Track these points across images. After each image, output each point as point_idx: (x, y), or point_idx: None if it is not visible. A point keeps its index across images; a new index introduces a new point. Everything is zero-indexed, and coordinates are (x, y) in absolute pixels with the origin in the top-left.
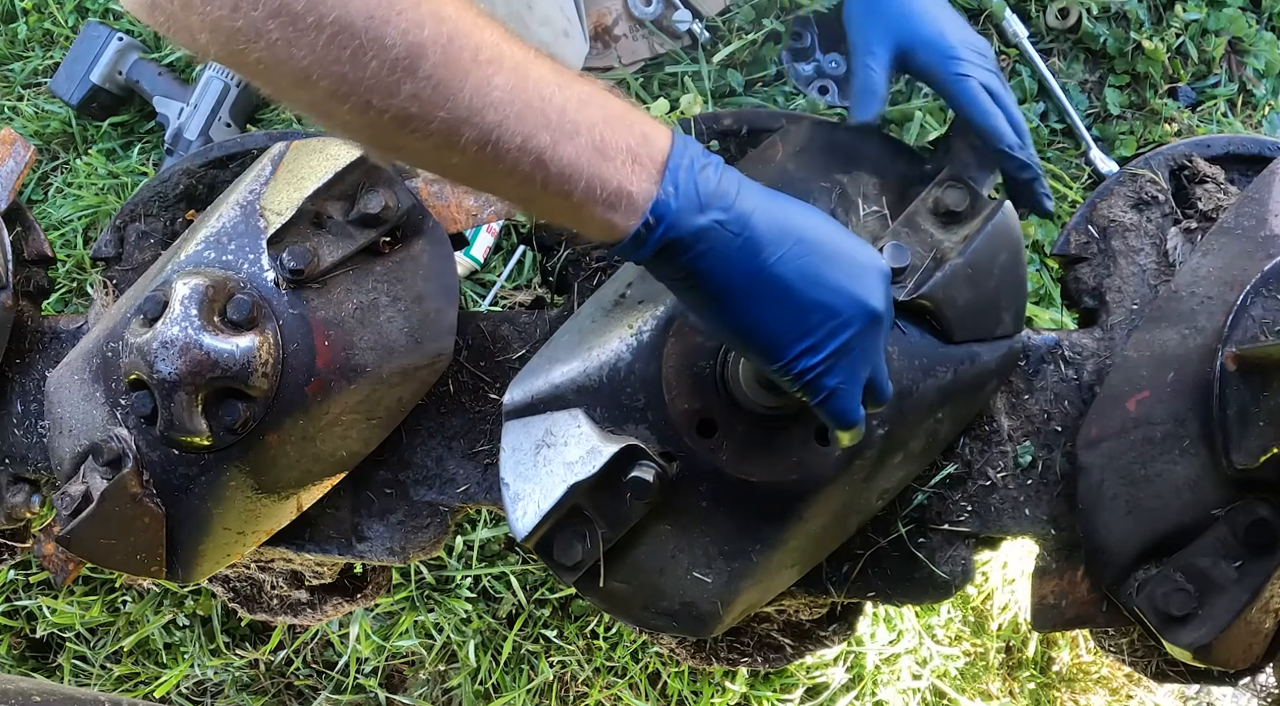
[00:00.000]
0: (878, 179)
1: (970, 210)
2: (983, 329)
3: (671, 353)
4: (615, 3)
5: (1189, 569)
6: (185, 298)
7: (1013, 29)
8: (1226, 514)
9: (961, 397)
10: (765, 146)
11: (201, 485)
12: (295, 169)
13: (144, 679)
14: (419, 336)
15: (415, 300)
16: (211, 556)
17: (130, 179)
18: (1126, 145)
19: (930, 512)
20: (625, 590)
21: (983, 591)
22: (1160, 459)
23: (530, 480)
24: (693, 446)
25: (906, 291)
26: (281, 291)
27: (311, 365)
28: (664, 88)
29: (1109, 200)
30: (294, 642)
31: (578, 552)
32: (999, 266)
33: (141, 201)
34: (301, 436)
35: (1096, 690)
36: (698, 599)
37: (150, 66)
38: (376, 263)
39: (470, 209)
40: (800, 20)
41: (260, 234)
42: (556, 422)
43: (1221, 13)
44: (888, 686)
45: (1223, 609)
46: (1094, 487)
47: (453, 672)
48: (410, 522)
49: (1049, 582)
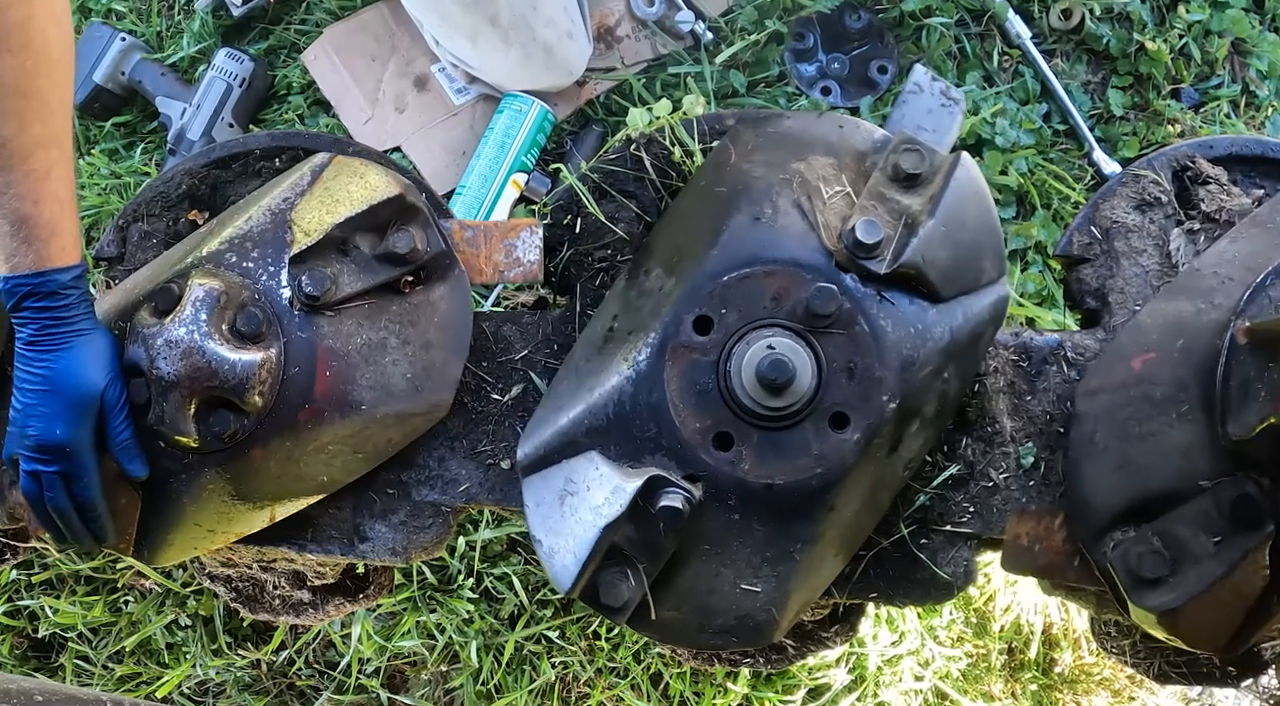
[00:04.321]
0: (833, 159)
1: (930, 169)
2: (968, 281)
3: (672, 375)
4: (618, 4)
5: (1167, 535)
6: (198, 299)
7: (1016, 30)
8: (1214, 486)
9: (962, 353)
10: (718, 151)
11: (181, 481)
12: (332, 188)
13: (146, 679)
14: (420, 384)
15: (424, 347)
16: (179, 546)
17: (133, 179)
18: (1129, 146)
19: (932, 513)
20: (678, 618)
21: (985, 592)
22: (1157, 419)
23: (561, 532)
24: (712, 463)
25: (886, 264)
26: (294, 312)
27: (309, 391)
28: (667, 88)
29: (1111, 201)
30: (296, 643)
31: (624, 592)
32: (970, 217)
33: (144, 201)
34: (286, 456)
35: (1099, 691)
36: (752, 609)
37: (153, 67)
38: (393, 301)
39: (499, 264)
40: (803, 21)
41: (285, 248)
42: (574, 469)
43: (1224, 14)
44: (890, 687)
45: (1195, 579)
46: (1086, 437)
47: (455, 673)
48: (412, 523)
49: (1026, 523)
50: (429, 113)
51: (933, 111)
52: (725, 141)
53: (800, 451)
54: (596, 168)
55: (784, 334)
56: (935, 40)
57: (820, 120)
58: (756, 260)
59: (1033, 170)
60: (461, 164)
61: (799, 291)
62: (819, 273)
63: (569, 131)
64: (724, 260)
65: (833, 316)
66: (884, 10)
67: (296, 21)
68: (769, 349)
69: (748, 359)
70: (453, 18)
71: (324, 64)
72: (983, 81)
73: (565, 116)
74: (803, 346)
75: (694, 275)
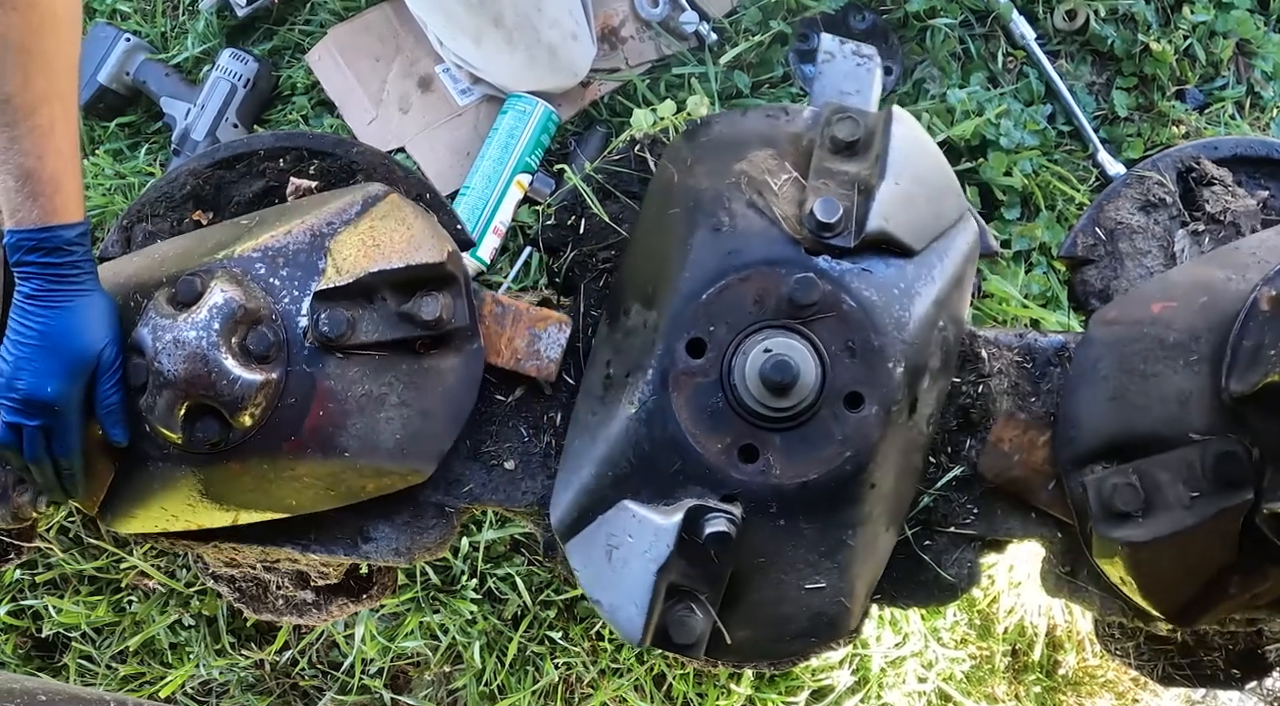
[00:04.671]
0: (771, 149)
1: (866, 132)
2: (934, 228)
3: (680, 404)
4: (623, 4)
5: (1146, 476)
6: (215, 305)
7: (1020, 30)
8: (1203, 441)
9: (950, 298)
10: (659, 174)
11: (156, 467)
12: (377, 229)
13: (149, 678)
14: (406, 449)
15: (421, 413)
16: (142, 521)
17: (137, 179)
18: (1134, 147)
19: (936, 515)
20: (753, 636)
21: (989, 594)
22: (1163, 362)
23: (616, 587)
24: (744, 478)
25: (853, 236)
26: (305, 343)
27: (298, 425)
28: (671, 89)
29: (1116, 202)
30: (299, 643)
31: (694, 627)
32: (918, 166)
33: (148, 202)
34: (260, 476)
35: (1103, 694)
36: (822, 606)
37: (157, 67)
38: (404, 359)
39: (518, 351)
40: (807, 22)
41: (315, 276)
42: (612, 522)
43: (1229, 15)
44: (893, 689)
45: (1164, 524)
46: (1091, 361)
47: (458, 673)
48: (416, 523)
49: (1013, 429)
50: (433, 113)
51: (850, 74)
52: (663, 163)
53: (825, 441)
54: (600, 168)
55: (776, 333)
56: (939, 41)
57: (747, 116)
58: (729, 269)
59: (1037, 171)
60: (465, 164)
61: (779, 288)
62: (793, 264)
63: (573, 132)
64: (698, 278)
65: (818, 303)
66: (888, 11)
67: (301, 22)
68: (766, 352)
69: (749, 367)
70: (457, 19)
71: (328, 64)
72: (987, 82)
73: (569, 117)
74: (798, 340)
75: (673, 301)
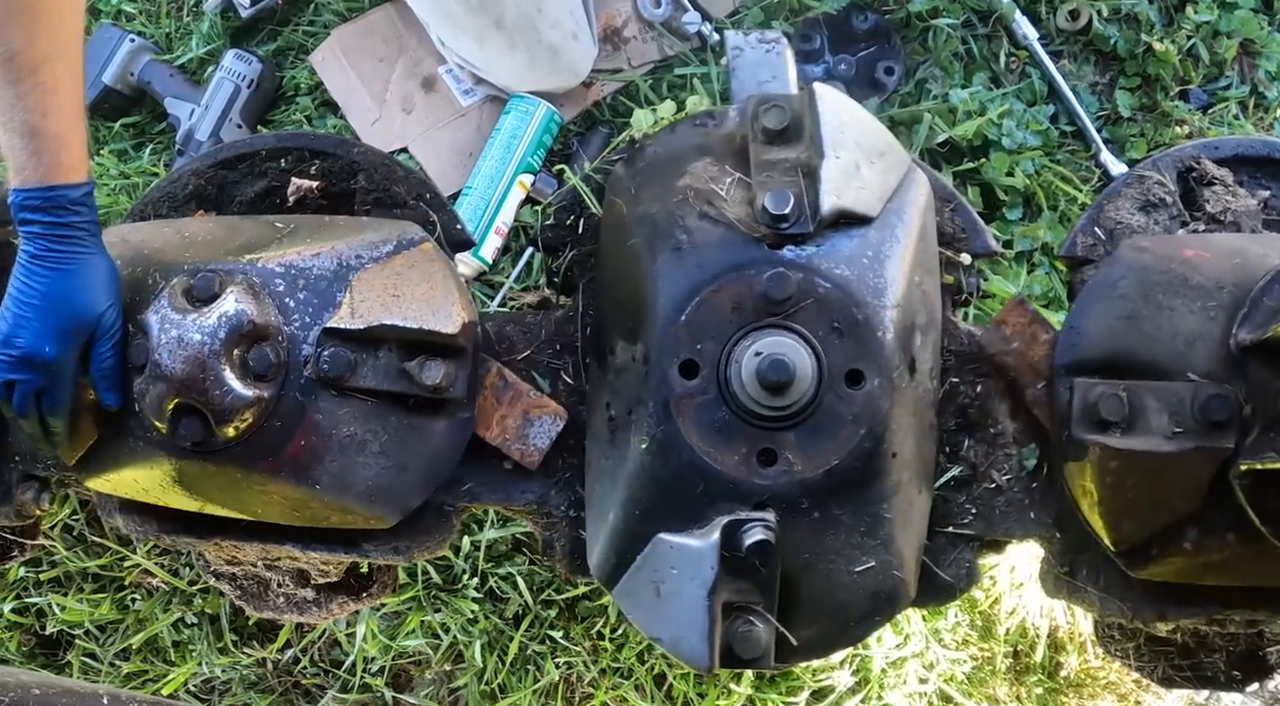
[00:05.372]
0: (708, 157)
1: (793, 116)
2: (885, 188)
3: (688, 428)
4: (625, 5)
5: (1135, 396)
6: (227, 314)
7: (1023, 31)
8: (1199, 382)
9: (919, 253)
10: (607, 210)
11: (135, 445)
12: (402, 280)
13: (152, 676)
14: (375, 496)
15: (398, 467)
16: (114, 485)
17: (141, 179)
18: (1137, 147)
19: (935, 515)
20: (818, 631)
21: (990, 595)
22: (1182, 299)
23: (672, 620)
24: (768, 483)
25: (809, 220)
26: (304, 372)
27: (278, 449)
28: (673, 89)
29: (1116, 202)
30: (301, 641)
31: (758, 638)
32: (854, 134)
33: (151, 202)
34: (233, 482)
35: (1104, 695)
36: (878, 584)
37: (162, 68)
38: (394, 412)
39: (508, 431)
40: (809, 22)
41: (329, 309)
42: (651, 559)
43: (1233, 14)
44: (894, 690)
45: (1142, 441)
46: (1112, 277)
47: (459, 672)
48: (415, 522)
49: (1019, 315)
50: (436, 114)
51: (762, 62)
52: (609, 197)
53: (837, 425)
54: (600, 168)
55: (762, 334)
56: (942, 41)
57: (676, 130)
58: (700, 284)
59: (1039, 171)
60: (468, 165)
61: (752, 289)
62: (760, 263)
63: (575, 132)
64: (672, 301)
65: (793, 294)
66: (891, 11)
67: (304, 23)
68: (758, 355)
69: (744, 374)
70: (458, 19)
71: (332, 65)
72: (990, 82)
73: (572, 118)
74: (785, 335)
75: (655, 329)
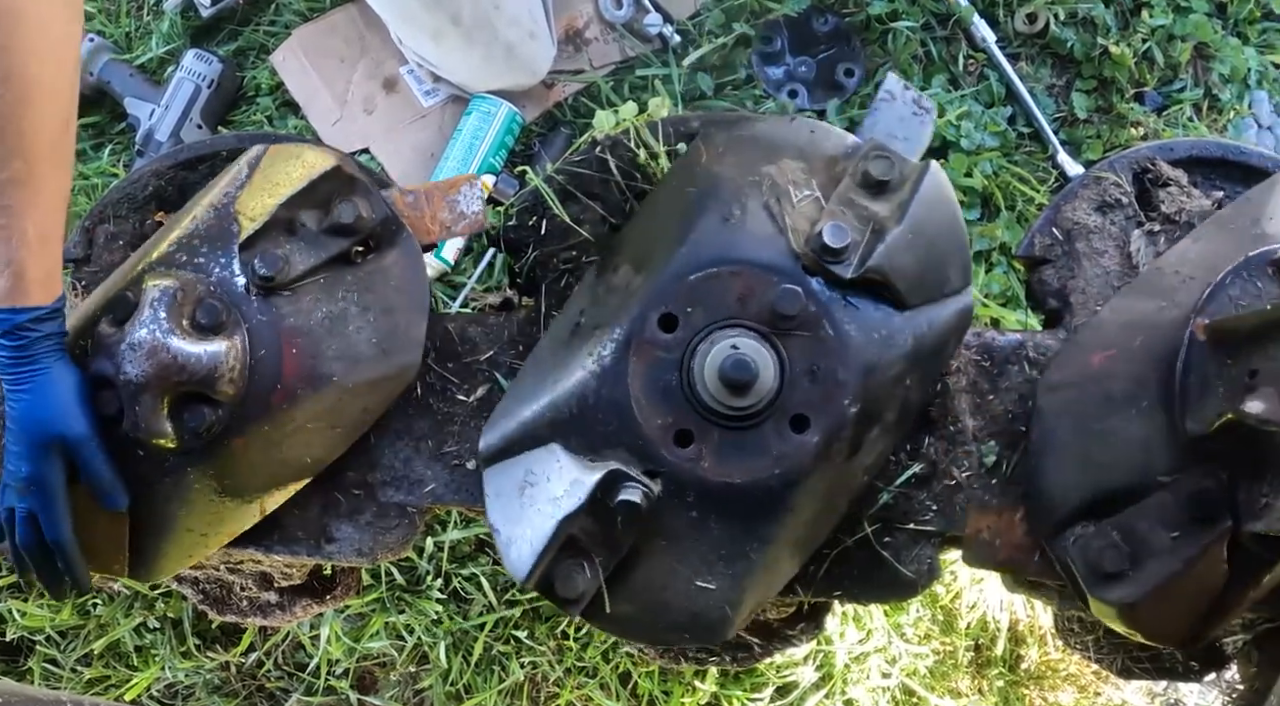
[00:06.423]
0: (804, 163)
1: (899, 177)
2: (933, 290)
3: (636, 372)
4: (587, 6)
5: (1126, 530)
6: (155, 299)
7: (981, 34)
8: (1172, 482)
9: (926, 361)
10: (690, 152)
11: (166, 487)
12: (270, 174)
13: (114, 681)
14: (386, 348)
15: (385, 311)
16: (174, 556)
17: (101, 180)
18: (1093, 148)
19: (896, 512)
20: (632, 612)
21: (951, 590)
22: (1116, 416)
23: (519, 522)
24: (672, 460)
25: (853, 268)
26: (251, 297)
27: (278, 372)
28: (635, 90)
29: (1073, 203)
30: (265, 644)
31: (579, 585)
32: (937, 226)
33: (110, 203)
34: (266, 442)
35: (1065, 687)
36: (705, 607)
37: (122, 67)
38: (348, 272)
39: (445, 221)
40: (770, 24)
41: (233, 238)
42: (535, 461)
43: (1188, 18)
44: (857, 685)
45: (1153, 573)
46: (1047, 433)
47: (424, 674)
48: (378, 523)
49: (987, 518)
50: (398, 114)
51: (904, 120)
52: (697, 142)
53: (760, 452)
54: (561, 169)
55: (748, 334)
56: (901, 44)
57: (792, 125)
58: (723, 260)
59: (997, 172)
60: (430, 166)
61: (765, 292)
62: (785, 274)
63: (537, 133)
64: (691, 259)
65: (797, 318)
66: (851, 14)
67: (265, 23)
68: (733, 349)
69: (711, 358)
70: (415, 16)
71: (293, 65)
72: (948, 84)
73: (533, 118)
74: (766, 347)
75: (661, 273)
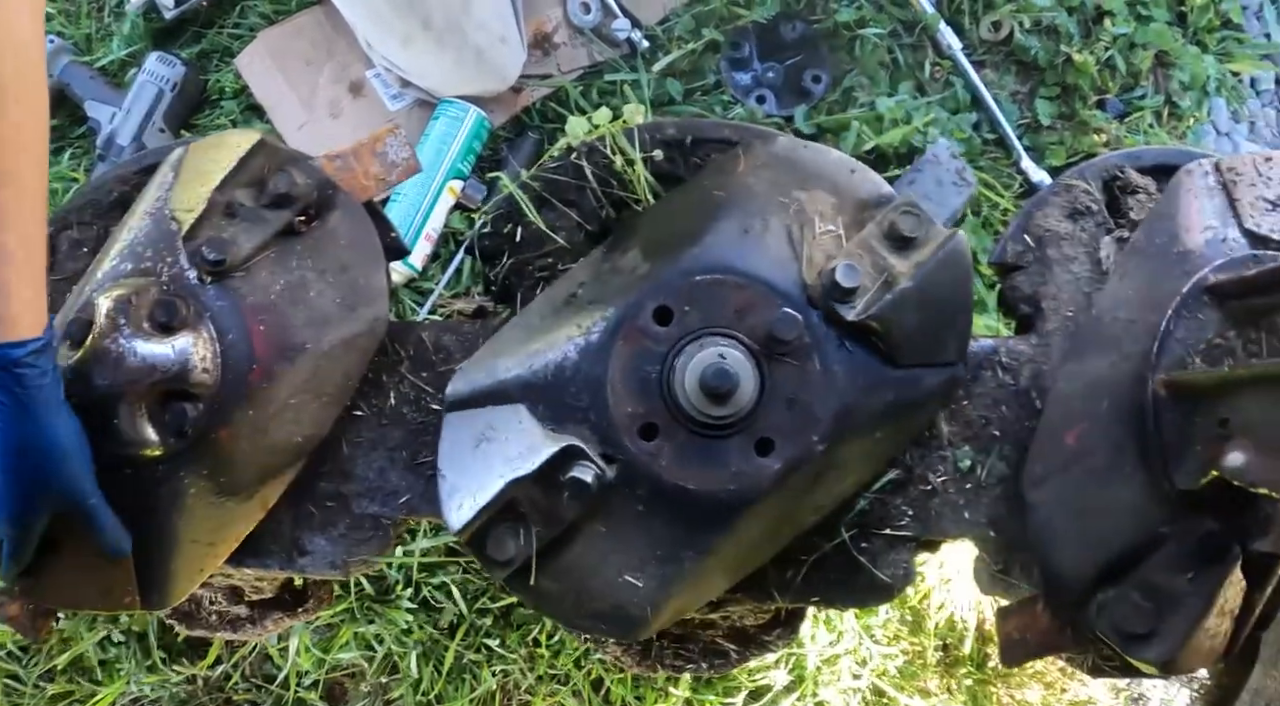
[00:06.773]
0: (836, 199)
1: (924, 237)
2: (927, 354)
3: (619, 355)
4: (555, 11)
5: (1145, 586)
6: (109, 310)
7: (947, 41)
8: (1174, 530)
9: (902, 419)
10: (729, 157)
11: (161, 500)
12: (197, 167)
13: (79, 697)
14: (351, 303)
15: (341, 270)
16: (184, 574)
17: (61, 185)
18: (1056, 155)
19: (872, 518)
20: (556, 589)
21: (920, 591)
22: (1104, 488)
23: (467, 473)
24: (633, 450)
25: (856, 312)
26: (206, 286)
27: (250, 353)
28: (603, 96)
29: (1044, 210)
30: (232, 657)
31: (510, 549)
32: (947, 295)
33: (74, 209)
34: (254, 428)
35: (1031, 685)
36: (627, 602)
37: (82, 70)
38: (296, 242)
39: (378, 174)
40: (739, 30)
41: (174, 235)
42: (498, 417)
43: (1149, 27)
44: (829, 686)
45: (1182, 619)
46: (1044, 525)
47: (395, 684)
48: (352, 535)
49: (1012, 621)
50: (364, 118)
51: (943, 185)
52: (738, 151)
53: (720, 464)
54: (537, 176)
55: (738, 348)
56: (868, 50)
57: (834, 158)
58: (733, 269)
59: None
60: None
61: (765, 312)
62: (789, 300)
63: (505, 138)
64: (701, 260)
65: (790, 345)
66: (819, 21)
67: (230, 25)
68: (719, 357)
69: (696, 361)
70: (385, 20)
71: (258, 69)
72: (914, 91)
73: (501, 123)
74: (752, 365)
75: (668, 266)
